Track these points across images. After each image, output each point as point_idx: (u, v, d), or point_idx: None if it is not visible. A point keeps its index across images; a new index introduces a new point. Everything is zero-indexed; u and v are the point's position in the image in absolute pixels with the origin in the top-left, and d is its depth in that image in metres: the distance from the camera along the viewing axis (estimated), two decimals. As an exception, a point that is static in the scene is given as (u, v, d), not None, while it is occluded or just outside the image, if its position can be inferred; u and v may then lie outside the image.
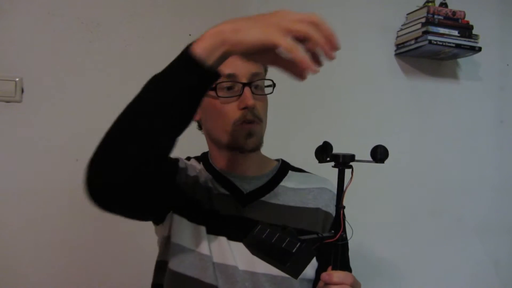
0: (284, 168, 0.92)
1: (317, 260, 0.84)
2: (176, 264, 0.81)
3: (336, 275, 0.63)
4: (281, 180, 0.89)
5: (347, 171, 0.63)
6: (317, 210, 0.86)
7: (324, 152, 0.62)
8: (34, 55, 1.23)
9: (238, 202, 0.85)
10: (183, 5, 1.35)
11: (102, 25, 1.28)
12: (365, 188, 1.50)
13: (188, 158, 0.96)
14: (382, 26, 1.56)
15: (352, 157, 0.62)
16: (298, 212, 0.85)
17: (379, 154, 0.61)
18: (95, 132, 1.24)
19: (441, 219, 1.63)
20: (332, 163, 0.63)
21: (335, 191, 0.87)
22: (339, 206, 0.63)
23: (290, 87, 1.46)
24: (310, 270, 0.84)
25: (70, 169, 1.25)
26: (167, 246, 0.84)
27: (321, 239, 0.62)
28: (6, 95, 1.20)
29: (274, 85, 0.85)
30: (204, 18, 1.35)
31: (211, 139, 0.88)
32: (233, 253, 0.80)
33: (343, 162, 0.61)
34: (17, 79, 1.21)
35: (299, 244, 0.53)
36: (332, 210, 0.86)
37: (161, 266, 0.86)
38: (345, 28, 1.52)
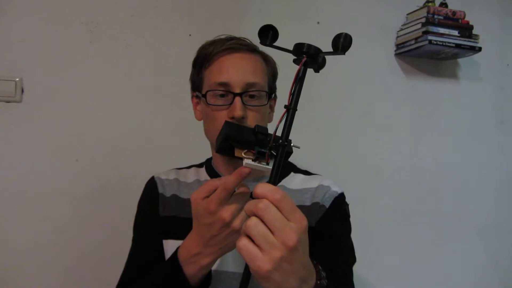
0: (286, 169, 0.92)
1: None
2: None
3: (260, 186, 0.47)
4: (280, 181, 0.88)
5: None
6: (313, 205, 0.84)
7: (267, 32, 0.52)
8: (34, 55, 1.23)
9: None
10: (183, 5, 1.35)
11: (102, 25, 1.28)
12: (365, 188, 1.50)
13: (190, 167, 0.97)
14: (382, 26, 1.57)
15: (318, 49, 0.52)
16: None
17: (342, 42, 0.52)
18: (95, 132, 1.26)
19: (441, 220, 1.63)
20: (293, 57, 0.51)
21: (333, 184, 0.87)
22: (287, 105, 0.52)
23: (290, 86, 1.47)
24: None
25: (70, 169, 1.26)
26: None
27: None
28: (6, 95, 1.21)
29: (269, 95, 0.84)
30: (204, 18, 1.36)
31: (209, 141, 0.89)
32: (226, 257, 0.78)
33: (307, 53, 0.51)
34: (17, 79, 1.21)
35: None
36: (325, 202, 0.85)
37: None
38: (345, 28, 1.52)
